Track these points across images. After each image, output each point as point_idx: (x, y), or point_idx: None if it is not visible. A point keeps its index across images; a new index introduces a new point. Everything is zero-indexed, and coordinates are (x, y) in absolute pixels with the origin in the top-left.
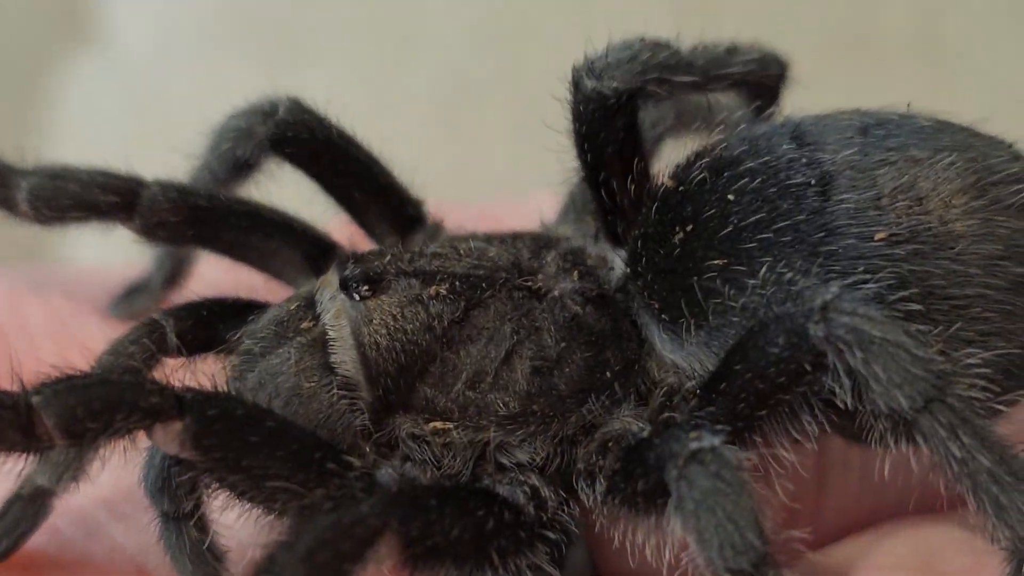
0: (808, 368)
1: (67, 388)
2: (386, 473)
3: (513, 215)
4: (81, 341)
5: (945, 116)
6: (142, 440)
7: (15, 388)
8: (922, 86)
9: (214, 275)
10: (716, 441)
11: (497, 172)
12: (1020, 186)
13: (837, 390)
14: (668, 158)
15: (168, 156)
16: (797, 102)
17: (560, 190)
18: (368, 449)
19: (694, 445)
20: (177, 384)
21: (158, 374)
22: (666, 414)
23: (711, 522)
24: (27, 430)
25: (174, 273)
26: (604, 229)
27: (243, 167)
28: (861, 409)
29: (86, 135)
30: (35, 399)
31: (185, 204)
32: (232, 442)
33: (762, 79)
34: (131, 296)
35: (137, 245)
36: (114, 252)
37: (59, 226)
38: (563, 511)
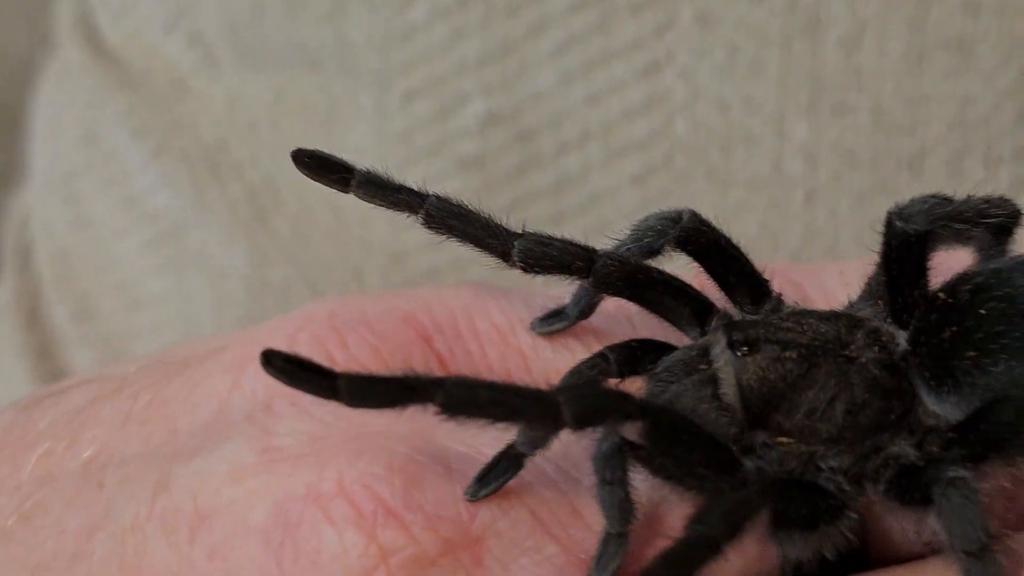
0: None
1: (580, 394)
2: (748, 463)
3: (809, 281)
4: (517, 349)
5: None
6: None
7: (540, 388)
8: None
9: (610, 309)
10: (967, 474)
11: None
12: None
13: None
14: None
15: None
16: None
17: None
18: (734, 449)
19: (952, 474)
20: (640, 399)
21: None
22: (927, 447)
23: (957, 525)
24: (555, 418)
25: (586, 309)
26: (893, 316)
27: (652, 254)
28: None
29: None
30: (560, 398)
31: (624, 271)
32: (670, 437)
33: (1005, 223)
34: (550, 319)
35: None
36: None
37: (538, 276)
38: (856, 500)
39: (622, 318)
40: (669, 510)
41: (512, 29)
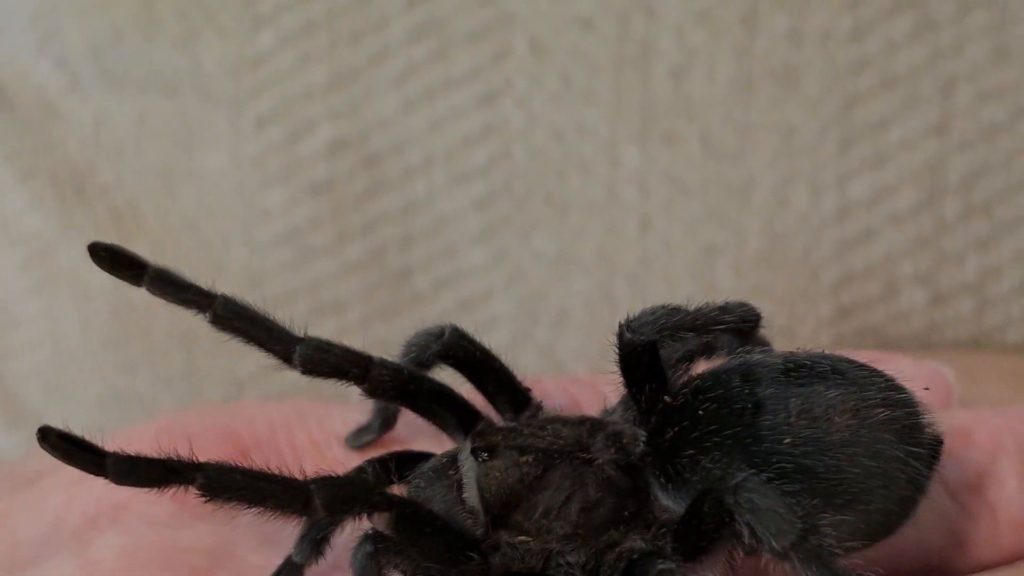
0: (727, 521)
1: (330, 483)
2: (493, 560)
3: (585, 389)
4: (332, 461)
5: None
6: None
7: (295, 477)
8: None
9: (414, 420)
10: (672, 565)
11: None
12: (880, 409)
13: (744, 536)
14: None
15: None
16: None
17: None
18: (483, 547)
19: (660, 567)
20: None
21: None
22: (658, 540)
23: None
24: (305, 504)
25: (386, 420)
26: (637, 418)
27: (422, 366)
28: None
29: None
30: (312, 486)
31: (397, 379)
32: (416, 528)
33: (741, 327)
34: (360, 434)
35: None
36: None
37: (316, 379)
38: None
39: (429, 428)
40: None
41: (355, 56)
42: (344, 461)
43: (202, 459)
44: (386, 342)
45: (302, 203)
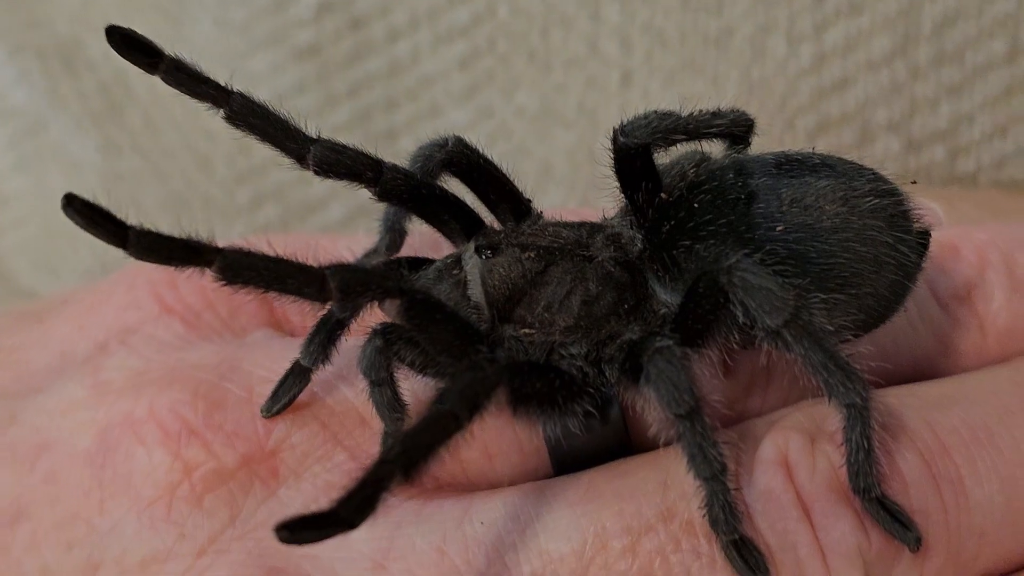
0: (721, 302)
1: (345, 268)
2: (498, 353)
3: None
4: None
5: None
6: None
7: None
8: None
9: (417, 244)
10: (670, 342)
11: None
12: (869, 198)
13: (738, 315)
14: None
15: None
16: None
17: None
18: (488, 342)
19: (658, 344)
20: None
21: None
22: (657, 329)
23: (663, 387)
24: (321, 287)
25: (393, 241)
26: (634, 222)
27: (428, 177)
28: (754, 328)
29: None
30: (327, 271)
31: (408, 184)
32: (426, 316)
33: (734, 132)
34: (368, 258)
35: None
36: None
37: (331, 180)
38: (599, 381)
39: (434, 252)
40: None
41: None
42: None
43: (218, 298)
44: (372, 204)
45: (288, 68)
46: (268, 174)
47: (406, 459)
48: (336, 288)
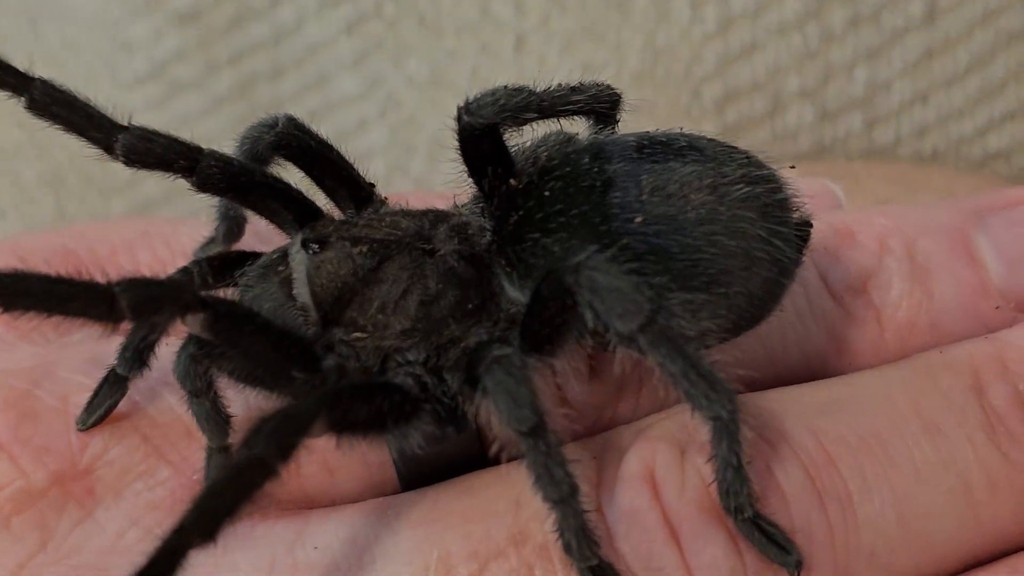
0: (569, 304)
1: (136, 283)
2: (327, 362)
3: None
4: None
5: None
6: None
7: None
8: None
9: (265, 229)
10: (509, 350)
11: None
12: (739, 186)
13: (588, 320)
14: None
15: None
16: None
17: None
18: (316, 348)
19: (496, 352)
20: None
21: None
22: (504, 333)
23: (502, 401)
24: (110, 307)
25: (231, 229)
26: (484, 210)
27: (258, 161)
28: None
29: None
30: (116, 288)
31: (227, 171)
32: (234, 329)
33: (596, 108)
34: (207, 247)
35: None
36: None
37: (141, 170)
38: (439, 391)
39: (283, 238)
40: None
41: None
42: None
43: None
44: None
45: (167, 34)
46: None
47: (206, 522)
48: (128, 307)
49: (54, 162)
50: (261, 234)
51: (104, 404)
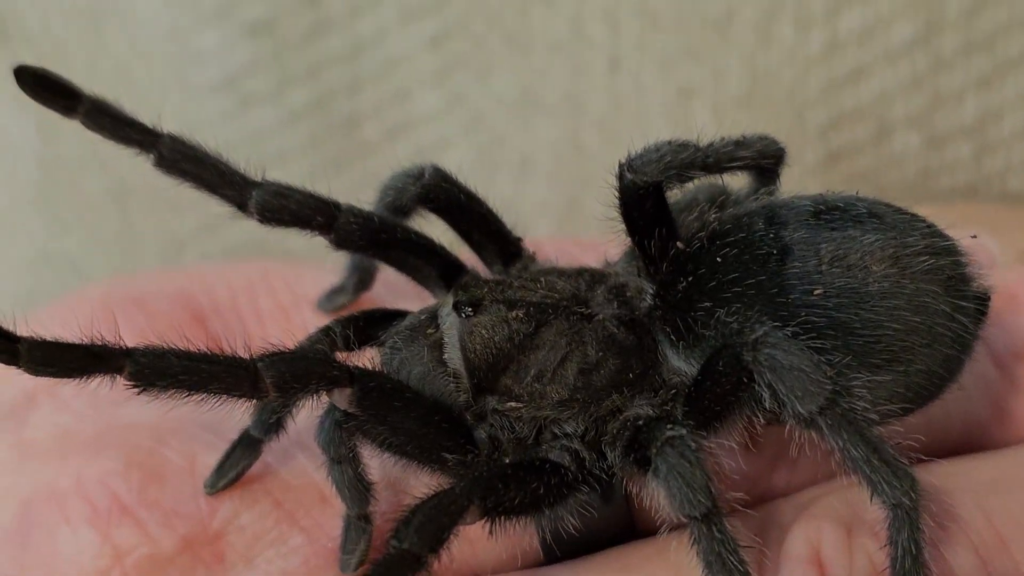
0: (744, 381)
1: (281, 359)
2: (478, 433)
3: (588, 252)
4: (300, 327)
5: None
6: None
7: (247, 356)
8: None
9: (395, 279)
10: (683, 431)
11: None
12: (923, 257)
13: (764, 397)
14: None
15: None
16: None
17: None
18: (467, 417)
19: (669, 433)
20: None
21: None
22: (668, 405)
23: (675, 485)
24: (253, 385)
25: (362, 280)
26: (644, 271)
27: (401, 212)
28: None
29: None
30: (259, 364)
31: (367, 227)
32: (384, 404)
33: (762, 164)
34: (333, 295)
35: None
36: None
37: (276, 228)
38: (596, 468)
39: (411, 289)
40: (421, 487)
41: None
42: (315, 326)
43: (162, 336)
44: (334, 197)
45: (239, 45)
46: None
47: None
48: (272, 385)
49: (119, 175)
50: (389, 283)
51: (236, 467)
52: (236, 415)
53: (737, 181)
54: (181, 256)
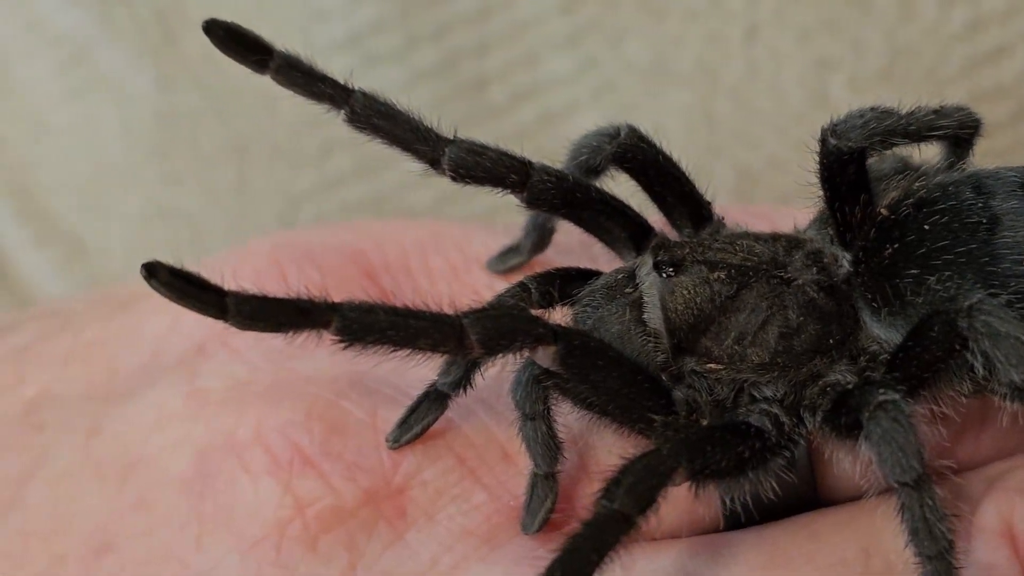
0: (957, 348)
1: (486, 316)
2: (676, 392)
3: (779, 217)
4: (470, 288)
5: None
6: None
7: (445, 312)
8: None
9: (564, 241)
10: (896, 396)
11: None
12: None
13: (976, 366)
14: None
15: None
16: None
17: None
18: (663, 377)
19: (881, 397)
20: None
21: None
22: (867, 372)
23: (887, 450)
24: (459, 341)
25: (539, 241)
26: (837, 238)
27: (592, 172)
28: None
29: None
30: (465, 320)
31: (560, 187)
32: (587, 362)
33: (960, 134)
34: (506, 256)
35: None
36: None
37: (469, 186)
38: (795, 432)
39: (584, 253)
40: (604, 448)
41: None
42: (486, 286)
43: (333, 290)
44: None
45: (366, 2)
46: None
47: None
48: (478, 342)
49: (236, 130)
50: (559, 245)
51: (421, 422)
52: (411, 369)
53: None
54: (297, 214)
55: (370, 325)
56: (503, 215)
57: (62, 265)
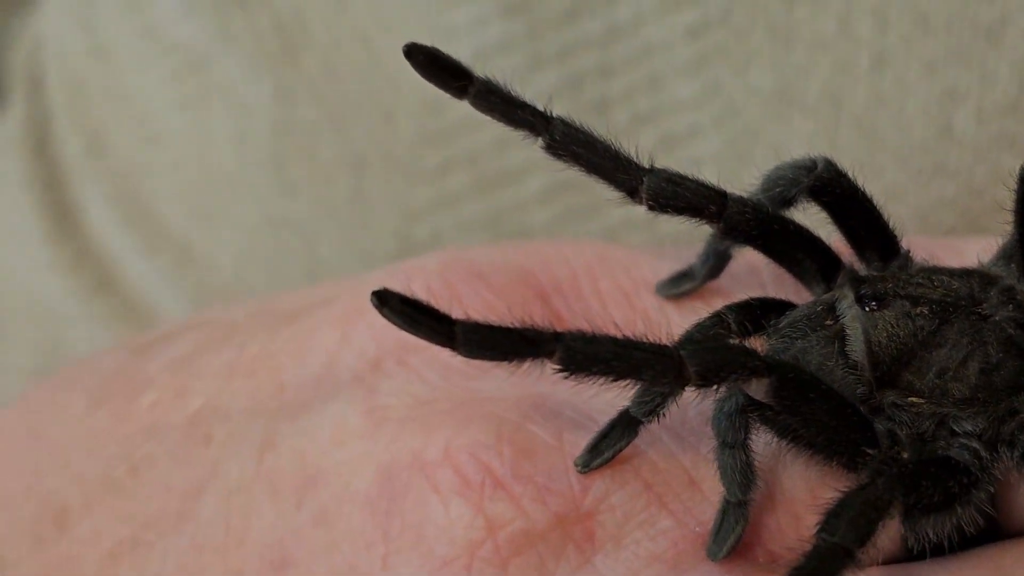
0: None
1: (704, 349)
2: (878, 425)
3: (968, 250)
4: (642, 312)
5: None
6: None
7: (663, 343)
8: None
9: (739, 270)
10: None
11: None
12: None
13: None
14: None
15: None
16: None
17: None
18: (862, 409)
19: None
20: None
21: None
22: None
23: None
24: (678, 374)
25: (715, 268)
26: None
27: (784, 204)
28: None
29: None
30: (683, 352)
31: (757, 218)
32: (798, 395)
33: None
34: (678, 281)
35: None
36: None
37: (665, 215)
38: (993, 467)
39: (752, 280)
40: (790, 478)
41: None
42: (657, 310)
43: (503, 307)
44: (575, 177)
45: (492, 23)
46: (460, 136)
47: None
48: (696, 373)
49: (354, 144)
50: (732, 273)
51: (612, 447)
52: (588, 392)
53: None
54: (413, 230)
55: (594, 356)
56: (621, 236)
57: (170, 273)
